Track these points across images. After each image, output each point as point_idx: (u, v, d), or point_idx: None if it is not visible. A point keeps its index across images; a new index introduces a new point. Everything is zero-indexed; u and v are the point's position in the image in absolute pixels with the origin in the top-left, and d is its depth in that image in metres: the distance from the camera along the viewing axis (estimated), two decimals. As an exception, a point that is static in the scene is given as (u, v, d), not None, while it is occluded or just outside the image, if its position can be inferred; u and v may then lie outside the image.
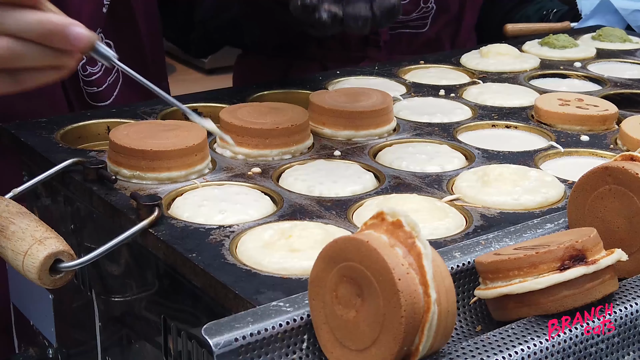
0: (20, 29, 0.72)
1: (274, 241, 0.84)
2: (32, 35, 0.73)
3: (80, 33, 0.74)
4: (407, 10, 1.81)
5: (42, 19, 0.72)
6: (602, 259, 0.73)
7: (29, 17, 0.72)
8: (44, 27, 0.72)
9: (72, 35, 0.73)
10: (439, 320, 0.65)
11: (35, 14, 0.72)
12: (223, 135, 0.91)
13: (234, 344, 0.66)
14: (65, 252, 0.84)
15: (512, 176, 0.99)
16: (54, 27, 0.73)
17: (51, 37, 0.73)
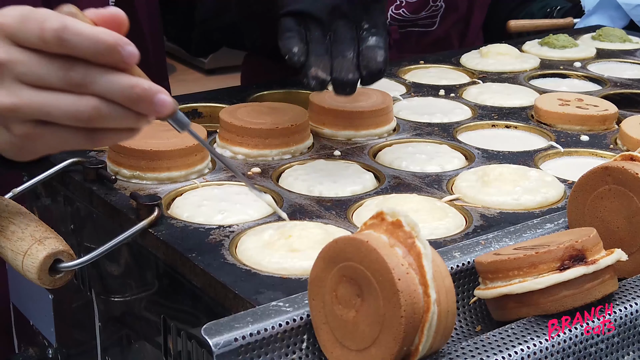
0: (110, 91, 0.72)
1: (274, 241, 0.84)
2: (121, 98, 0.72)
3: (166, 101, 0.73)
4: (416, 8, 1.82)
5: (132, 83, 0.72)
6: (601, 259, 0.73)
7: (121, 80, 0.72)
8: (133, 92, 0.72)
9: (159, 102, 0.73)
10: (439, 320, 0.65)
11: (126, 78, 0.72)
12: (280, 212, 0.90)
13: (234, 344, 0.66)
14: (65, 252, 0.84)
15: (512, 176, 0.99)
16: (143, 92, 0.72)
17: (139, 102, 0.72)
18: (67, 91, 0.72)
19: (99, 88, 0.72)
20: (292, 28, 0.98)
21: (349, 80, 0.94)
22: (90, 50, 0.70)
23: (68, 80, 0.71)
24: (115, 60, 0.71)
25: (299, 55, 0.95)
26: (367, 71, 0.95)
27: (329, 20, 0.99)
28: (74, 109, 0.72)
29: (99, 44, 0.70)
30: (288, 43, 0.97)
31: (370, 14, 0.98)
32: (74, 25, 0.70)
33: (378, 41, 0.97)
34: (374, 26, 0.98)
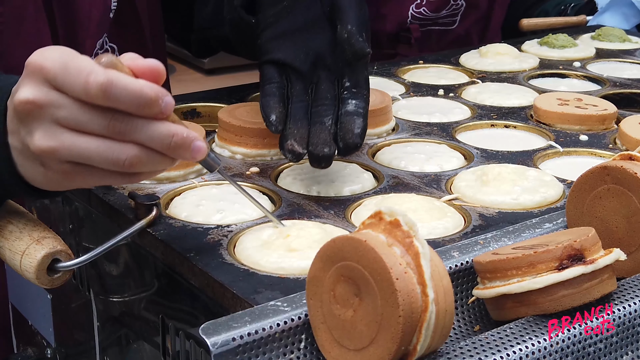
0: (151, 140, 0.74)
1: (272, 241, 0.84)
2: (160, 147, 0.74)
3: (201, 147, 0.76)
4: (437, 7, 1.83)
5: (172, 132, 0.74)
6: (600, 258, 0.73)
7: (161, 130, 0.73)
8: (172, 141, 0.74)
9: (195, 149, 0.75)
10: (437, 320, 0.65)
11: (165, 128, 0.74)
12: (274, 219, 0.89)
13: (232, 344, 0.66)
14: (63, 251, 0.84)
15: (511, 176, 0.99)
16: (182, 141, 0.74)
17: (177, 150, 0.74)
18: (107, 137, 0.73)
19: (140, 137, 0.73)
20: (272, 78, 0.98)
21: (324, 155, 0.93)
22: (133, 104, 0.72)
23: (109, 129, 0.73)
24: (155, 112, 0.73)
25: (276, 124, 0.94)
26: (343, 143, 0.93)
27: (310, 72, 0.98)
28: (114, 156, 0.74)
29: (141, 98, 0.72)
30: (266, 107, 0.96)
31: (353, 68, 0.96)
32: (119, 80, 0.71)
33: (358, 106, 0.95)
34: (355, 85, 0.97)
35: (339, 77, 0.98)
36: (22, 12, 1.15)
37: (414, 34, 1.83)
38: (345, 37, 0.95)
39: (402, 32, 1.84)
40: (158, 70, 0.74)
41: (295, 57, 0.99)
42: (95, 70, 0.72)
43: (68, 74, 0.72)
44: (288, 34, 1.00)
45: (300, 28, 1.00)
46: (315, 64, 0.99)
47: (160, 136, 0.73)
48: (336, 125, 0.95)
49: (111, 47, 1.31)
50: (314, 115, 0.96)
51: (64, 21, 1.21)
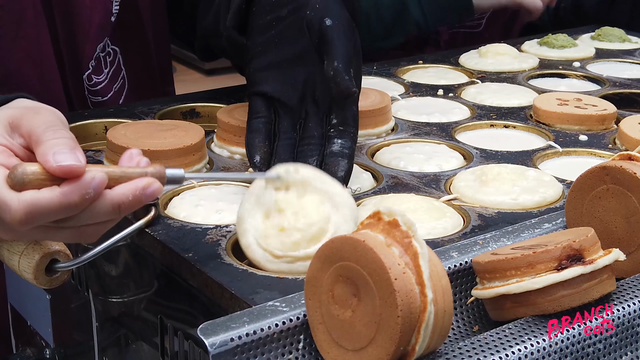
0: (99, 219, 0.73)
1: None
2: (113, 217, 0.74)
3: (154, 190, 0.74)
4: None
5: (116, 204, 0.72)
6: (599, 258, 0.72)
7: (104, 207, 0.72)
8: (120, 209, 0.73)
9: (146, 198, 0.74)
10: (436, 320, 0.65)
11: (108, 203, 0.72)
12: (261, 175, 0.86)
13: (230, 344, 0.66)
14: (61, 252, 0.83)
15: (510, 176, 0.99)
16: (130, 204, 0.73)
17: (129, 210, 0.74)
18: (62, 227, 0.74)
19: (89, 222, 0.73)
20: (260, 112, 0.96)
21: None
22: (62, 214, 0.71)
23: (56, 224, 0.73)
24: (87, 204, 0.72)
25: (259, 166, 0.92)
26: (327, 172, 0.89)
27: (299, 107, 0.96)
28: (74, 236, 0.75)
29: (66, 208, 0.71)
30: (251, 146, 0.93)
31: (341, 105, 0.94)
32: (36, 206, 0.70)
33: (343, 145, 0.92)
34: (342, 122, 0.94)
35: (327, 113, 0.95)
36: (21, 15, 1.15)
37: (443, 37, 1.84)
38: (331, 74, 0.92)
39: (430, 35, 1.86)
40: (72, 168, 0.70)
41: (283, 91, 0.97)
42: (9, 205, 0.70)
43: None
44: (276, 66, 0.98)
45: (288, 60, 0.98)
46: (303, 98, 0.97)
47: (107, 212, 0.72)
48: (321, 166, 0.92)
49: (113, 49, 1.31)
50: (299, 155, 0.93)
51: (63, 25, 1.21)
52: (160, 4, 1.38)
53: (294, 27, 0.99)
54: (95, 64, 1.27)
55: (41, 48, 1.18)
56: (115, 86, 1.33)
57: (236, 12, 1.04)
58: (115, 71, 1.33)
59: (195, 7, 1.24)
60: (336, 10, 0.97)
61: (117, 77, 1.33)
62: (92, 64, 1.26)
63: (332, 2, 0.98)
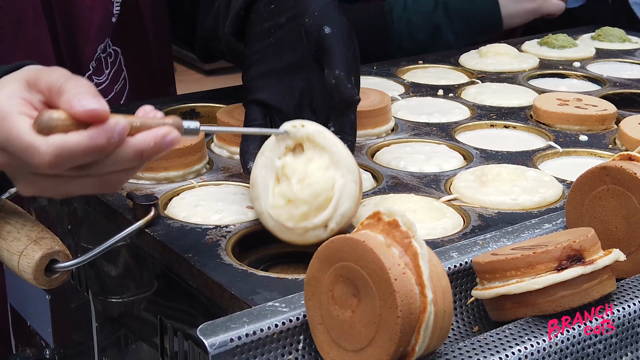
0: (124, 164, 0.73)
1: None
2: (135, 164, 0.74)
3: (174, 139, 0.74)
4: None
5: (139, 149, 0.73)
6: (599, 259, 0.72)
7: (127, 153, 0.73)
8: (143, 156, 0.73)
9: (167, 146, 0.74)
10: (436, 321, 0.65)
11: (131, 149, 0.72)
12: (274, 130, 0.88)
13: (230, 345, 0.66)
14: (61, 252, 0.83)
15: (510, 176, 0.99)
16: (152, 152, 0.73)
17: (152, 156, 0.74)
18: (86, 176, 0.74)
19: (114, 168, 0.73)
20: (256, 119, 0.96)
21: None
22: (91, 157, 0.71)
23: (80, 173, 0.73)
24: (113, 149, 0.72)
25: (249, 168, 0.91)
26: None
27: (295, 115, 0.95)
28: (98, 186, 0.75)
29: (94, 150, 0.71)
30: (245, 152, 0.93)
31: (340, 112, 0.94)
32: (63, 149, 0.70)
33: None
34: (340, 130, 0.94)
35: (325, 121, 0.95)
36: (21, 16, 1.15)
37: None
38: (333, 83, 0.91)
39: None
40: (98, 112, 0.71)
41: (280, 99, 0.96)
42: (38, 150, 0.70)
43: (14, 150, 0.71)
44: (273, 74, 0.98)
45: (286, 68, 0.98)
46: (300, 106, 0.97)
47: (130, 158, 0.73)
48: None
49: (114, 50, 1.31)
50: None
51: (63, 26, 1.21)
52: (161, 5, 1.38)
53: (292, 34, 0.98)
54: (96, 65, 1.27)
55: (41, 49, 1.18)
56: (116, 87, 1.33)
57: (235, 19, 1.04)
58: (117, 72, 1.33)
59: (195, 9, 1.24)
60: (335, 18, 0.97)
61: (118, 78, 1.33)
62: (93, 64, 1.26)
63: (331, 9, 0.98)
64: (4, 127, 0.71)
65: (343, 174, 0.83)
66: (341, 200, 0.82)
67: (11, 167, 0.74)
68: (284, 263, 0.90)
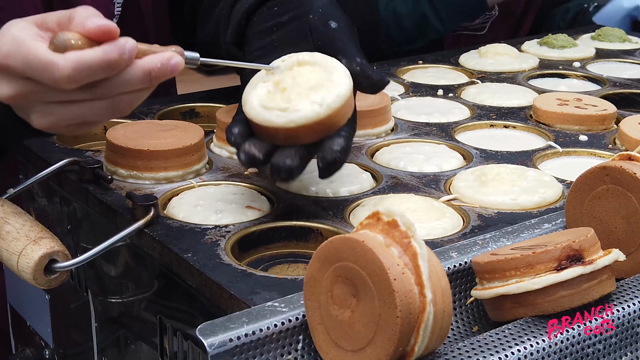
0: (133, 85, 0.79)
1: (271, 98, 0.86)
2: (143, 85, 0.79)
3: (178, 63, 0.80)
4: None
5: (147, 70, 0.78)
6: (599, 259, 0.72)
7: (137, 74, 0.78)
8: (151, 77, 0.79)
9: (174, 69, 0.80)
10: (435, 321, 0.65)
11: (139, 69, 0.78)
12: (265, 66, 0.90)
13: (229, 345, 0.66)
14: (60, 252, 0.83)
15: (510, 176, 0.99)
16: (159, 73, 0.79)
17: (158, 79, 0.79)
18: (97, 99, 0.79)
19: (123, 89, 0.78)
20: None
21: (285, 166, 0.84)
22: (103, 73, 0.77)
23: (93, 95, 0.78)
24: (124, 66, 0.77)
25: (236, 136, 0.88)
26: (322, 162, 0.86)
27: None
28: (109, 112, 0.80)
29: (107, 65, 0.76)
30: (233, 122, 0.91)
31: None
32: (81, 64, 0.75)
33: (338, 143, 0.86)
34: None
35: None
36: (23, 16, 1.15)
37: (446, 39, 1.86)
38: (358, 70, 0.91)
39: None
40: (109, 28, 0.77)
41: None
42: (57, 65, 0.75)
43: (33, 71, 0.76)
44: None
45: None
46: None
47: (139, 79, 0.78)
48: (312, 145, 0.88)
49: None
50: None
51: None
52: (162, 6, 1.38)
53: (296, 31, 0.99)
54: None
55: None
56: None
57: (236, 29, 1.05)
58: None
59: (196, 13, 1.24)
60: (339, 14, 0.98)
61: None
62: None
63: (334, 7, 0.99)
64: (21, 52, 0.76)
65: (339, 73, 0.86)
66: (339, 82, 0.86)
67: (28, 97, 0.78)
68: (283, 263, 0.90)
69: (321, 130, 0.85)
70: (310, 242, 0.90)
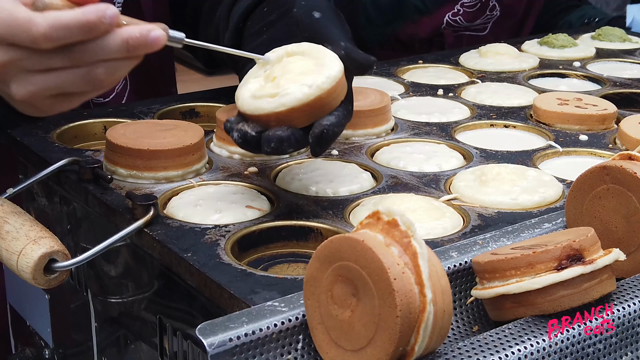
0: (110, 54, 0.79)
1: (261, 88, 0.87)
2: (121, 55, 0.79)
3: (159, 36, 0.80)
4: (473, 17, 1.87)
5: (124, 38, 0.79)
6: (599, 258, 0.72)
7: (113, 41, 0.79)
8: (129, 45, 0.79)
9: (152, 42, 0.80)
10: (435, 320, 0.65)
11: (118, 36, 0.79)
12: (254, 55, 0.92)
13: (229, 344, 0.66)
14: (60, 251, 0.83)
15: (510, 176, 0.99)
16: (137, 42, 0.79)
17: (137, 50, 0.80)
18: (73, 66, 0.79)
19: (100, 56, 0.79)
20: None
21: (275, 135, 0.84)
22: (80, 35, 0.77)
23: (71, 61, 0.78)
24: (103, 30, 0.78)
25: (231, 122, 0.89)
26: (312, 137, 0.85)
27: None
28: (86, 80, 0.80)
29: (85, 27, 0.76)
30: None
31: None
32: (59, 22, 0.76)
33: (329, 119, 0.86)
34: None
35: None
36: None
37: (447, 39, 1.86)
38: (343, 54, 0.91)
39: (435, 37, 1.88)
40: None
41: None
42: (34, 21, 0.76)
43: (12, 31, 0.77)
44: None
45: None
46: None
47: (117, 46, 0.78)
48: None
49: None
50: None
51: None
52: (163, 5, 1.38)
53: (285, 28, 0.99)
54: None
55: None
56: (117, 87, 1.32)
57: (233, 32, 1.06)
58: None
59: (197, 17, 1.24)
60: (321, 3, 0.99)
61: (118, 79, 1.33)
62: None
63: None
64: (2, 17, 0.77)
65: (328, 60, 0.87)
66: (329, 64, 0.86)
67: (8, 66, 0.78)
68: (283, 263, 0.90)
69: (312, 112, 0.85)
70: (310, 241, 0.90)
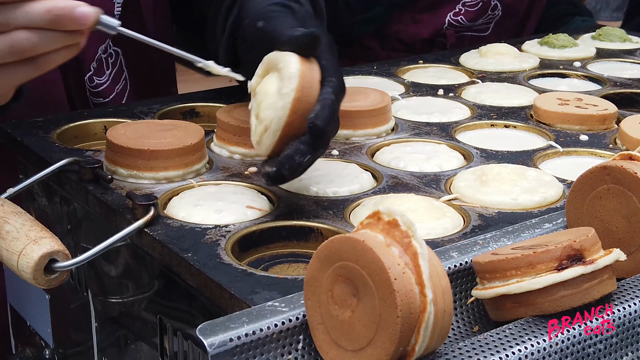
0: (31, 20, 0.78)
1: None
2: (44, 24, 0.78)
3: (86, 12, 0.80)
4: (474, 17, 1.87)
5: (48, 6, 0.78)
6: (600, 258, 0.72)
7: (37, 7, 0.78)
8: (52, 14, 0.78)
9: (79, 16, 0.79)
10: (436, 321, 0.65)
11: (41, 4, 0.78)
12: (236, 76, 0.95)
13: (229, 344, 0.66)
14: (60, 251, 0.83)
15: (511, 176, 0.99)
16: (61, 12, 0.78)
17: (60, 22, 0.79)
18: None
19: (21, 21, 0.78)
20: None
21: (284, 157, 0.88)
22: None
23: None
24: None
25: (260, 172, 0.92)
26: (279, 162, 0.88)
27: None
28: (7, 46, 0.78)
29: None
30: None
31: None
32: None
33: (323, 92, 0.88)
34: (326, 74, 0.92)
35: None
36: None
37: (449, 40, 1.86)
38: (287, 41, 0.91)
39: (437, 37, 1.88)
40: None
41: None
42: None
43: None
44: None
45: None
46: None
47: (39, 13, 0.78)
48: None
49: (115, 51, 1.30)
50: None
51: None
52: (163, 5, 1.38)
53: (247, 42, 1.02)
54: (97, 66, 1.27)
55: None
56: (117, 87, 1.33)
57: (226, 49, 1.09)
58: (117, 72, 1.32)
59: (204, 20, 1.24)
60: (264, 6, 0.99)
61: (119, 79, 1.33)
62: (94, 65, 1.26)
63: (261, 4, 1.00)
64: None
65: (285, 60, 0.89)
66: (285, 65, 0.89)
67: None
68: (283, 263, 0.90)
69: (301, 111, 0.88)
70: (311, 241, 0.90)
